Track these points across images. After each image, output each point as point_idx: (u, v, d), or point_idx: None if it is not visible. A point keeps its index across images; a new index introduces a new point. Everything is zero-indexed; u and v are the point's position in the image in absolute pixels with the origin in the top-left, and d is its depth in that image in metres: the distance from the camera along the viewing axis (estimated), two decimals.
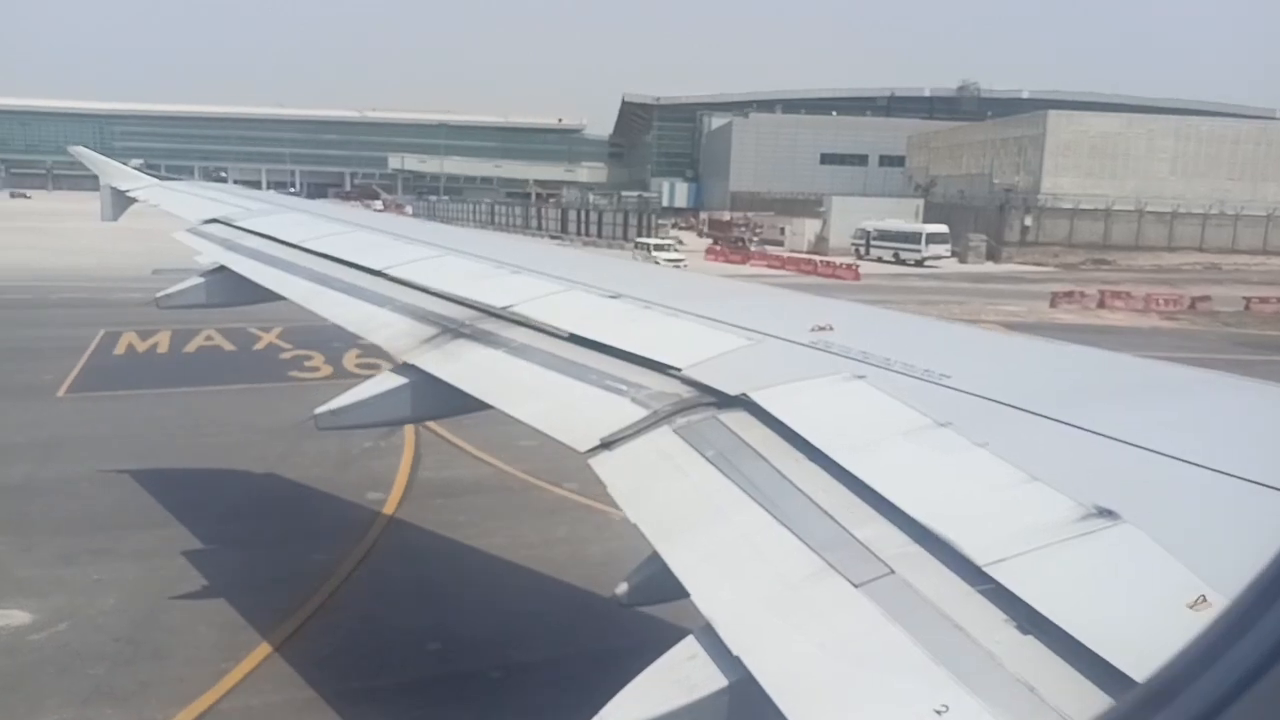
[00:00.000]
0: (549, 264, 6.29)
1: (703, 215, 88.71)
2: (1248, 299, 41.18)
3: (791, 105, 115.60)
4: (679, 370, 3.81)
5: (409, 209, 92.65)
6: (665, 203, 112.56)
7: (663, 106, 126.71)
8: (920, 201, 70.05)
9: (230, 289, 8.06)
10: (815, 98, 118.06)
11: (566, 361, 4.29)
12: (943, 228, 59.32)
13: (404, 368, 4.89)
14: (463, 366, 4.64)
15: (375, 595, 10.13)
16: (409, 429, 16.43)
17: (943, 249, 58.00)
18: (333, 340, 23.80)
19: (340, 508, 12.65)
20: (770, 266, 54.78)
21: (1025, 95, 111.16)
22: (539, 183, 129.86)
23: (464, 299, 5.46)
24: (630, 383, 3.86)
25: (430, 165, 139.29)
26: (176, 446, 15.16)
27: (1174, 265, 61.31)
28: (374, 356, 22.44)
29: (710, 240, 70.39)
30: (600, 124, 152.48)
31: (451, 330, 5.09)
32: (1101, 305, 39.89)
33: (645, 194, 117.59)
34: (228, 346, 23.56)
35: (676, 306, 4.75)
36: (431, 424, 16.69)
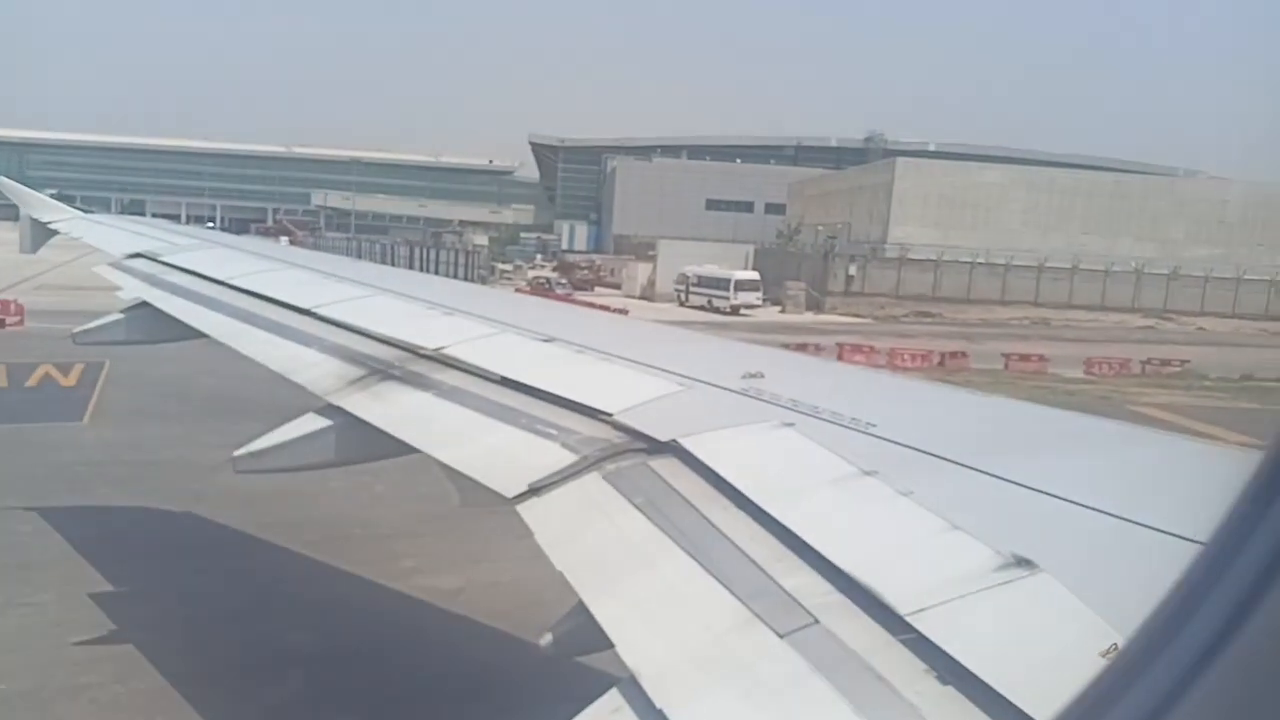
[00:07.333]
0: (483, 306, 6.31)
1: (570, 258, 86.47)
2: (1007, 356, 38.87)
3: (697, 151, 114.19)
4: (610, 415, 3.81)
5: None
6: (566, 245, 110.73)
7: (568, 148, 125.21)
8: (750, 248, 67.58)
9: (151, 326, 7.90)
10: (722, 144, 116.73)
11: (497, 405, 4.26)
12: (754, 275, 56.86)
13: (329, 409, 4.81)
14: (390, 409, 4.56)
15: None
16: None
17: (753, 296, 55.40)
18: None
19: None
20: None
21: (932, 148, 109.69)
22: (463, 223, 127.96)
23: (394, 340, 5.36)
24: (561, 427, 3.83)
25: (352, 203, 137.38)
26: None
27: (1002, 319, 58.52)
28: None
29: (541, 283, 68.49)
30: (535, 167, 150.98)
31: (380, 372, 5.00)
32: (839, 359, 37.23)
33: (545, 236, 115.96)
34: None
35: (610, 351, 4.78)
36: None
